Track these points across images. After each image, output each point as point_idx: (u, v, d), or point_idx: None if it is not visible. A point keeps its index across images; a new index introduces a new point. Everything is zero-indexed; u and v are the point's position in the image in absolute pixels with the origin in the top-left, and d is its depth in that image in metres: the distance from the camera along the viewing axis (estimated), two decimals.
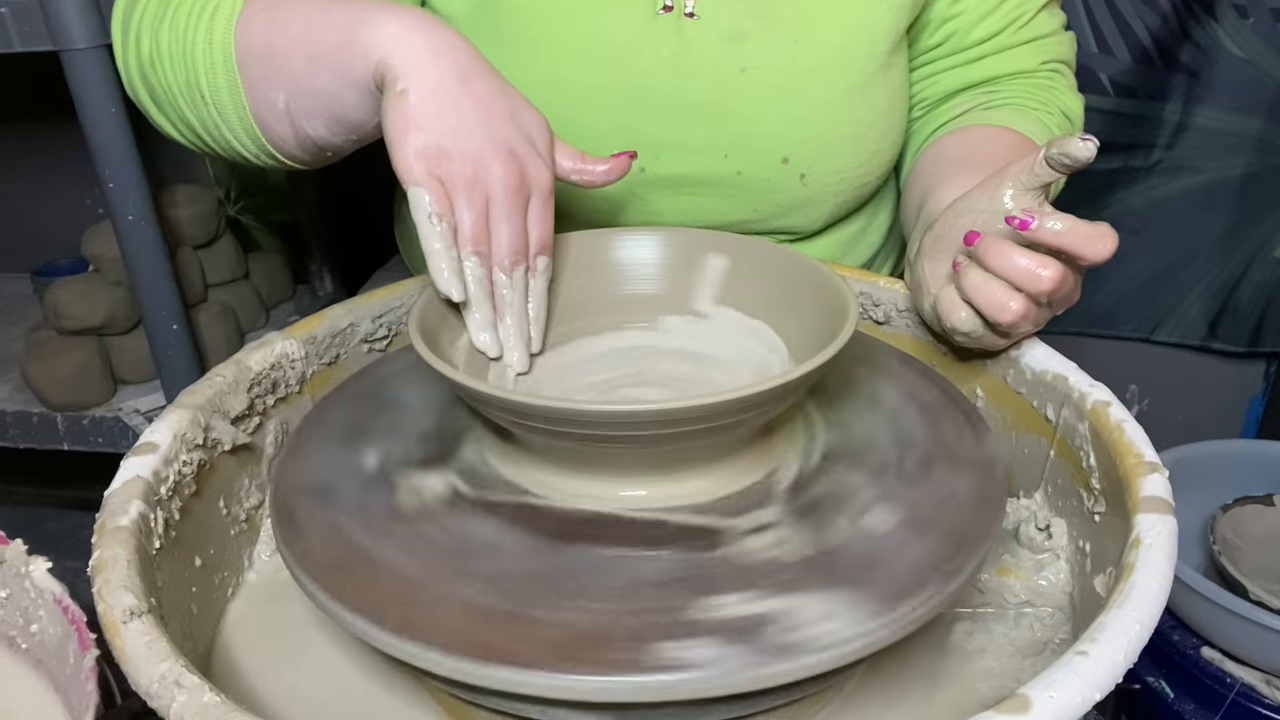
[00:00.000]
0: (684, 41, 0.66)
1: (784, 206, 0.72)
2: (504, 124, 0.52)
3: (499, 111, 0.52)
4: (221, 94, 0.58)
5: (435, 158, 0.50)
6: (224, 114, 0.59)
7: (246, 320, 1.22)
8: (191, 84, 0.59)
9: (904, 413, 0.54)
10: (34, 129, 1.40)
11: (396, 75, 0.51)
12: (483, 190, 0.51)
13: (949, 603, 0.42)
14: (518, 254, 0.52)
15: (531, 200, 0.53)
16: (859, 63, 0.68)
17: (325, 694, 0.49)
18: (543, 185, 0.53)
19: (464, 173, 0.50)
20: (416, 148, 0.50)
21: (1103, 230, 0.50)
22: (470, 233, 0.51)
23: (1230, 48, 1.28)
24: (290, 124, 0.58)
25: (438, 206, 0.50)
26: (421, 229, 0.50)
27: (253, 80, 0.57)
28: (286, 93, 0.56)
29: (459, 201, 0.50)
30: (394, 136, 0.50)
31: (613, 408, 0.44)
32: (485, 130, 0.51)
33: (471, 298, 0.52)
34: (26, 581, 0.47)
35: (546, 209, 0.54)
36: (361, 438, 0.53)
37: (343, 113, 0.56)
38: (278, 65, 0.55)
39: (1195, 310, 1.45)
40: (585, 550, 0.45)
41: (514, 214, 0.52)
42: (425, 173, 0.50)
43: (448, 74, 0.51)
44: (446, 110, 0.50)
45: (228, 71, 0.57)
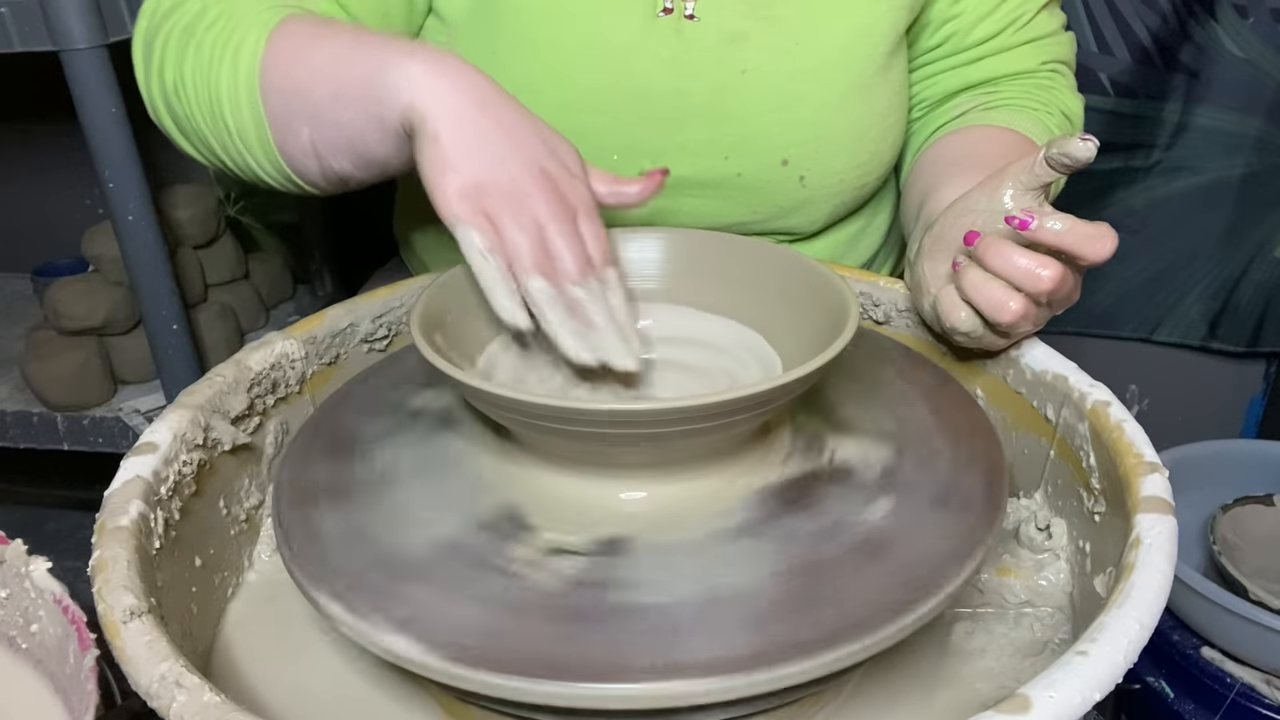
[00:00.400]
0: (684, 43, 0.66)
1: (783, 208, 0.72)
2: (533, 146, 0.52)
3: (526, 135, 0.52)
4: (246, 128, 0.58)
5: (475, 193, 0.50)
6: (249, 147, 0.59)
7: (246, 320, 1.22)
8: (216, 116, 0.59)
9: (904, 412, 0.54)
10: (34, 129, 1.40)
11: (425, 118, 0.51)
12: (530, 215, 0.50)
13: (939, 611, 0.42)
14: (584, 267, 0.51)
15: (579, 218, 0.52)
16: (859, 64, 0.68)
17: (325, 694, 0.49)
18: (585, 203, 0.53)
19: (506, 202, 0.50)
20: (455, 189, 0.50)
21: (1103, 230, 0.50)
22: (530, 255, 0.50)
23: (1230, 48, 1.28)
24: (316, 159, 0.58)
25: (487, 242, 0.50)
26: (476, 267, 0.50)
27: (277, 114, 0.57)
28: (311, 127, 0.56)
29: (509, 230, 0.50)
30: (432, 183, 0.51)
31: (612, 406, 0.44)
32: (516, 155, 0.51)
33: (554, 318, 0.50)
34: (26, 581, 0.47)
35: (596, 224, 0.53)
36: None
37: (367, 150, 0.56)
38: (302, 101, 0.56)
39: (1195, 310, 1.45)
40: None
41: (567, 233, 0.51)
42: (469, 211, 0.50)
43: (471, 108, 0.51)
44: (475, 144, 0.51)
45: (252, 105, 0.57)
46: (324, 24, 0.58)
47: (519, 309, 0.50)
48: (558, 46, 0.66)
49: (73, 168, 1.40)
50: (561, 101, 0.66)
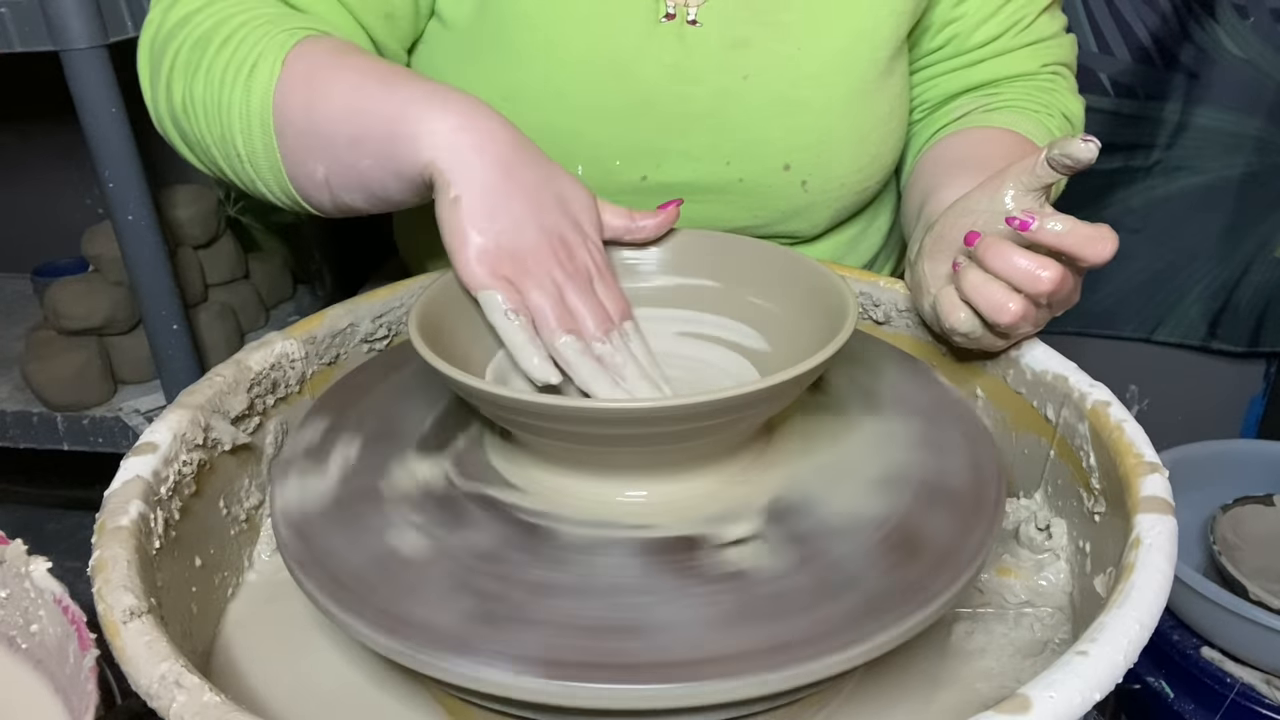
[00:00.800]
0: (686, 49, 0.66)
1: (785, 212, 0.72)
2: (552, 213, 0.53)
3: (547, 201, 0.53)
4: (258, 155, 0.58)
5: (495, 258, 0.51)
6: (259, 172, 0.59)
7: (246, 320, 1.22)
8: (226, 140, 0.59)
9: (904, 413, 0.54)
10: (34, 129, 1.40)
11: (447, 181, 0.51)
12: (550, 278, 0.52)
13: (935, 618, 0.41)
14: (605, 323, 0.53)
15: (594, 282, 0.54)
16: (860, 68, 0.68)
17: (325, 694, 0.49)
18: (598, 265, 0.55)
19: (525, 267, 0.52)
20: (476, 252, 0.51)
21: (1103, 232, 0.50)
22: (554, 315, 0.52)
23: (1230, 48, 1.28)
24: (329, 194, 0.58)
25: (511, 303, 0.51)
26: (501, 328, 0.51)
27: (292, 150, 0.57)
28: (327, 167, 0.56)
29: (532, 293, 0.52)
30: (453, 245, 0.52)
31: (610, 405, 0.44)
32: (536, 223, 0.52)
33: (586, 372, 0.52)
34: (26, 581, 0.47)
35: (610, 285, 0.55)
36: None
37: (384, 194, 0.56)
38: (319, 143, 0.56)
39: (1195, 310, 1.45)
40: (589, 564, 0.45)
41: (585, 290, 0.53)
42: (489, 275, 0.51)
43: (495, 172, 0.52)
44: (498, 210, 0.51)
45: (265, 137, 0.57)
46: (340, 52, 0.57)
47: (549, 364, 0.52)
48: (560, 52, 0.65)
49: (73, 168, 1.40)
50: (564, 106, 0.66)
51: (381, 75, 0.55)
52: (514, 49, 0.66)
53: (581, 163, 0.67)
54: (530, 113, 0.62)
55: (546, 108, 0.66)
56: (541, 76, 0.66)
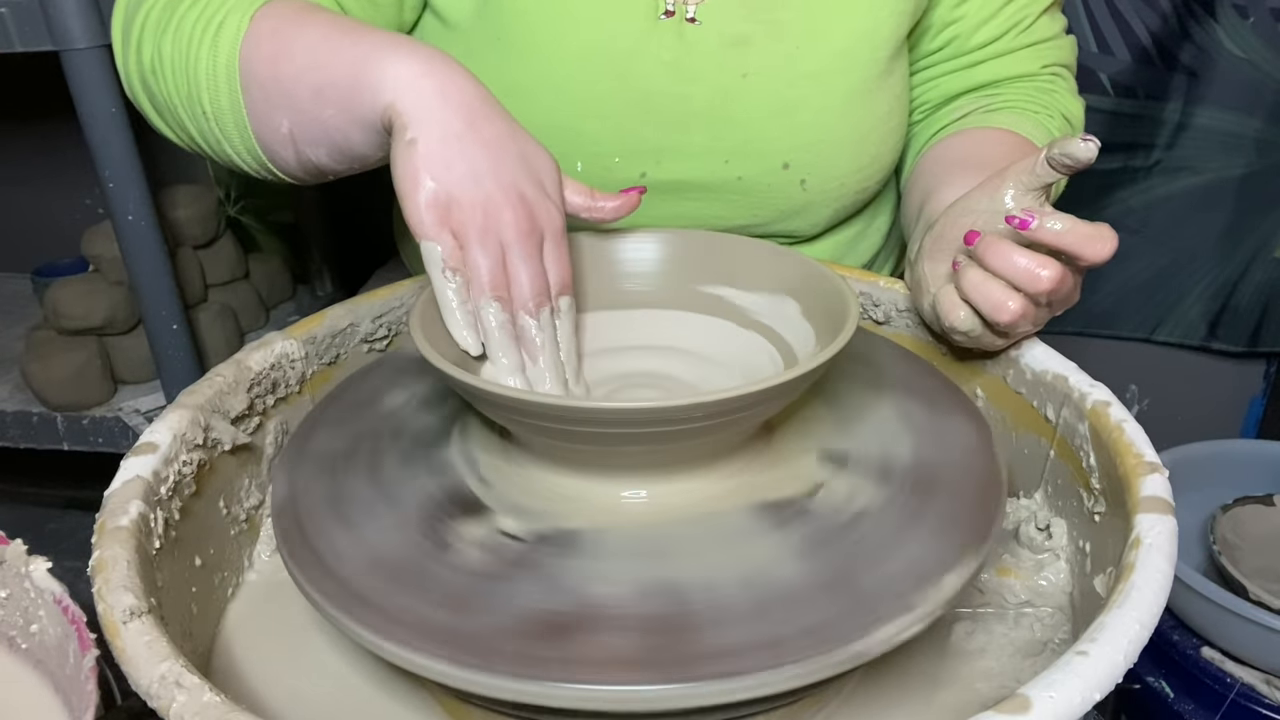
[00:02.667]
0: (685, 46, 0.66)
1: (784, 211, 0.72)
2: (513, 167, 0.51)
3: (508, 155, 0.51)
4: (224, 112, 0.58)
5: (445, 207, 0.50)
6: (225, 131, 0.59)
7: (246, 320, 1.22)
8: (193, 98, 0.58)
9: (904, 413, 0.54)
10: (34, 129, 1.40)
11: (405, 123, 0.50)
12: (495, 236, 0.51)
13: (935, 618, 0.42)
14: (540, 295, 0.52)
15: (545, 243, 0.53)
16: (860, 68, 0.68)
17: (325, 694, 0.49)
18: (554, 227, 0.53)
19: (475, 220, 0.50)
20: (427, 199, 0.50)
21: (1103, 231, 0.50)
22: (488, 278, 0.50)
23: (1230, 48, 1.28)
24: (293, 149, 0.57)
25: (451, 260, 0.50)
26: (435, 283, 0.50)
27: (256, 104, 0.56)
28: (291, 120, 0.56)
29: (473, 249, 0.50)
30: (404, 188, 0.50)
31: (611, 405, 0.44)
32: (494, 176, 0.51)
33: (496, 343, 0.51)
34: (26, 581, 0.47)
35: (561, 250, 0.53)
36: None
37: (347, 146, 0.55)
38: (283, 93, 0.55)
39: (1195, 310, 1.45)
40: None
41: (530, 257, 0.51)
42: (436, 224, 0.50)
43: (456, 119, 0.50)
44: (454, 158, 0.50)
45: (231, 92, 0.57)
46: (309, 9, 0.57)
47: (472, 333, 0.51)
48: (560, 48, 0.65)
49: (73, 168, 1.40)
50: (563, 103, 0.66)
51: (347, 27, 0.55)
52: (513, 46, 0.66)
53: (580, 159, 0.67)
54: (529, 109, 0.62)
55: (545, 104, 0.66)
56: (541, 73, 0.66)
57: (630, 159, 0.68)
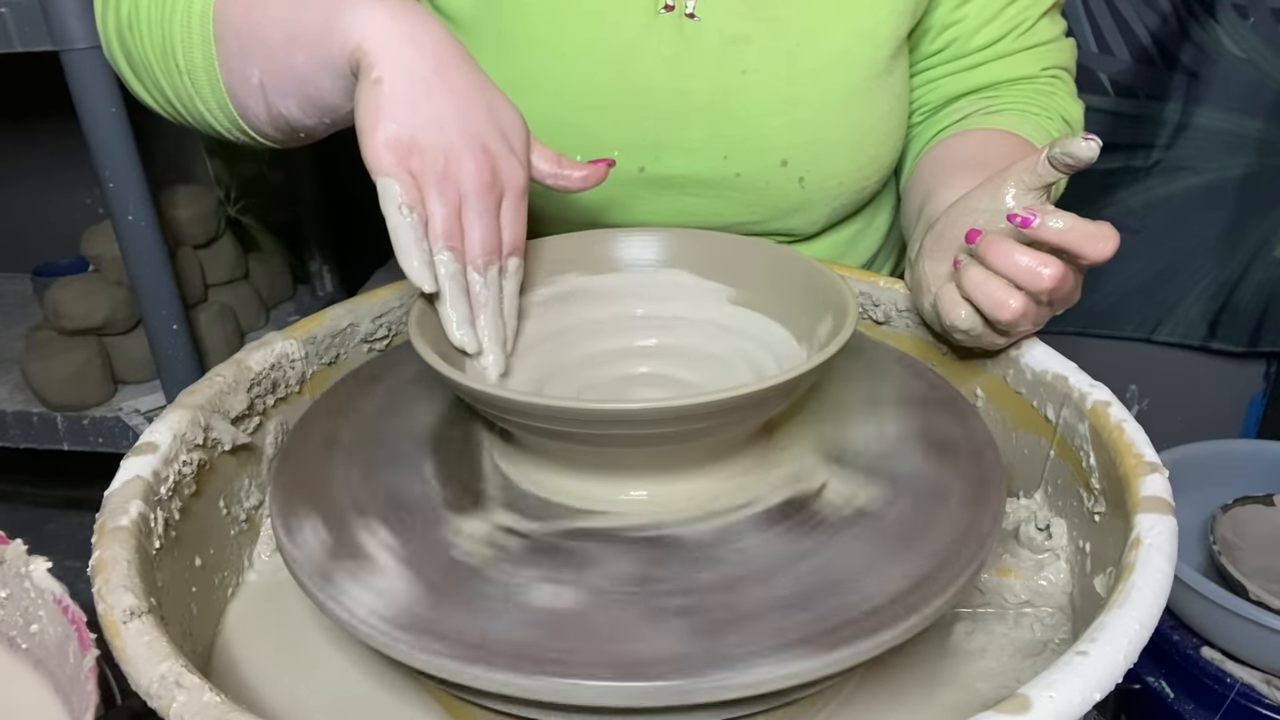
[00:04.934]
0: (685, 42, 0.66)
1: (782, 209, 0.72)
2: (479, 119, 0.51)
3: (475, 106, 0.51)
4: (196, 65, 0.57)
5: (406, 149, 0.49)
6: (198, 85, 0.58)
7: (246, 320, 1.22)
8: (167, 53, 0.58)
9: (903, 414, 0.54)
10: (34, 129, 1.40)
11: (372, 63, 0.49)
12: (454, 185, 0.50)
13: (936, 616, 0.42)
14: (490, 253, 0.51)
15: (504, 199, 0.52)
16: (860, 67, 0.68)
17: (325, 693, 0.49)
18: (516, 184, 0.52)
19: (435, 166, 0.49)
20: (387, 138, 0.49)
21: (1104, 230, 0.50)
22: (443, 227, 0.50)
23: (1230, 48, 1.28)
24: (264, 101, 0.57)
25: (408, 197, 0.49)
26: (391, 220, 0.49)
27: (229, 55, 0.56)
28: (262, 69, 0.55)
29: (430, 195, 0.49)
30: (365, 125, 0.49)
31: (611, 406, 0.44)
32: (459, 124, 0.50)
33: (446, 293, 0.50)
34: (26, 581, 0.47)
35: (519, 209, 0.53)
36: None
37: (317, 94, 0.55)
38: (256, 41, 0.55)
39: (1195, 310, 1.45)
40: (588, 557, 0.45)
41: (486, 212, 0.51)
42: (395, 164, 0.49)
43: (424, 64, 0.50)
44: (420, 102, 0.49)
45: (204, 43, 0.57)
46: None
47: (427, 270, 0.49)
48: (560, 43, 0.66)
49: (73, 168, 1.40)
50: (562, 97, 0.66)
51: None
52: (512, 40, 0.66)
53: (579, 154, 0.67)
54: (528, 103, 0.62)
55: (544, 98, 0.66)
56: (540, 67, 0.66)
57: (629, 154, 0.68)
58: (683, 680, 0.37)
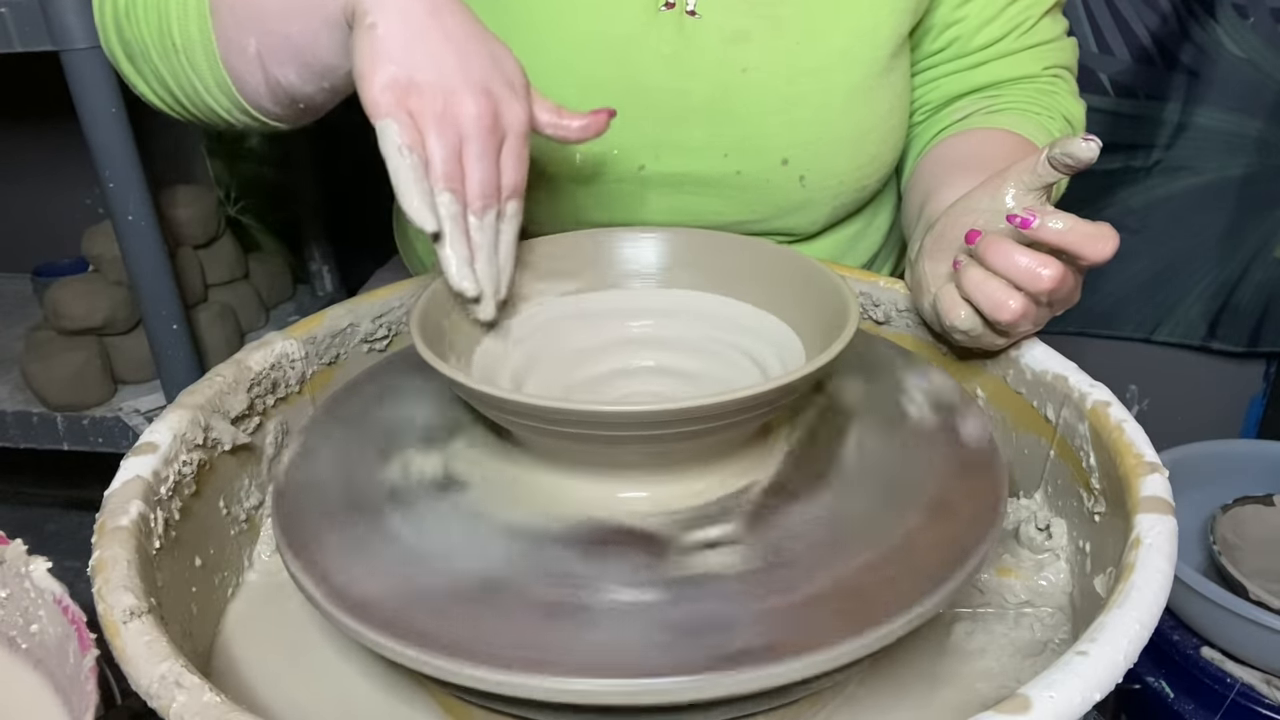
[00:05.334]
0: (685, 40, 0.66)
1: (782, 208, 0.72)
2: (479, 61, 0.50)
3: (474, 50, 0.50)
4: (193, 41, 0.57)
5: (404, 89, 0.48)
6: (195, 63, 0.58)
7: (246, 320, 1.22)
8: (164, 33, 0.58)
9: (903, 414, 0.54)
10: (34, 129, 1.40)
11: (367, 9, 0.49)
12: (454, 126, 0.49)
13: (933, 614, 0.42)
14: (489, 196, 0.50)
15: (506, 141, 0.51)
16: (860, 66, 0.68)
17: (325, 694, 0.49)
18: (518, 127, 0.51)
19: (434, 107, 0.48)
20: (385, 80, 0.48)
21: (1104, 230, 0.50)
22: (443, 169, 0.49)
23: (1230, 48, 1.28)
24: (262, 71, 0.56)
25: (407, 138, 0.48)
26: (391, 162, 0.48)
27: (225, 27, 0.56)
28: (258, 38, 0.55)
29: (430, 136, 0.48)
30: (363, 69, 0.48)
31: (611, 408, 0.44)
32: (458, 65, 0.49)
33: (448, 234, 0.50)
34: (26, 581, 0.47)
35: (521, 151, 0.52)
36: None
37: (314, 57, 0.54)
38: (250, 11, 0.55)
39: (1195, 310, 1.45)
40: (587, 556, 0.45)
41: (486, 154, 0.50)
42: (394, 104, 0.48)
43: (420, 8, 0.49)
44: (415, 42, 0.49)
45: (200, 18, 0.57)
46: None
47: (429, 210, 0.49)
48: (559, 39, 0.65)
49: (73, 168, 1.40)
50: (560, 96, 0.66)
51: None
52: (511, 33, 0.66)
53: (579, 151, 0.67)
54: None
55: (544, 93, 0.66)
56: (540, 62, 0.65)
57: (628, 151, 0.68)
58: (681, 680, 0.37)
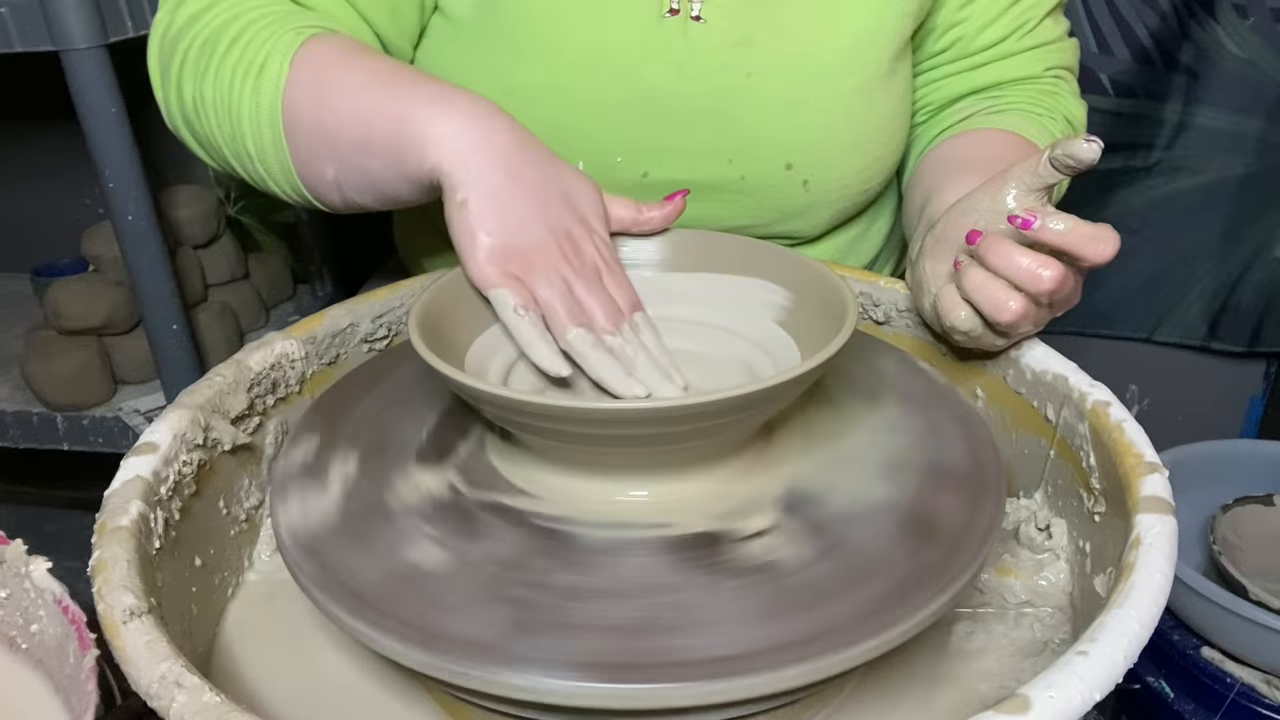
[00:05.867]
0: (690, 46, 0.66)
1: (786, 212, 0.72)
2: (558, 210, 0.54)
3: (552, 198, 0.54)
4: (268, 156, 0.59)
5: (504, 257, 0.52)
6: (270, 172, 0.60)
7: (246, 320, 1.22)
8: (237, 140, 0.59)
9: (903, 414, 0.54)
10: (34, 129, 1.40)
11: (454, 185, 0.52)
12: (558, 273, 0.53)
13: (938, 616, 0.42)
14: (615, 315, 0.54)
15: (603, 275, 0.55)
16: (864, 69, 0.68)
17: (325, 694, 0.49)
18: (606, 256, 0.55)
19: (534, 263, 0.53)
20: (485, 253, 0.52)
21: (1105, 232, 0.50)
22: (565, 310, 0.52)
23: (1230, 48, 1.28)
24: (340, 194, 0.59)
25: (520, 299, 0.52)
26: (512, 325, 0.52)
27: (300, 151, 0.58)
28: (336, 168, 0.57)
29: (540, 288, 0.52)
30: (463, 246, 0.53)
31: (609, 406, 0.44)
32: (541, 220, 0.53)
33: (597, 362, 0.52)
34: (26, 581, 0.47)
35: (618, 276, 0.56)
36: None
37: (393, 194, 0.57)
38: (328, 142, 0.57)
39: (1195, 310, 1.45)
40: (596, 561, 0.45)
41: (594, 285, 0.54)
42: (499, 273, 0.52)
43: (498, 173, 0.52)
44: (506, 211, 0.52)
45: (274, 138, 0.58)
46: (347, 51, 0.58)
47: (559, 358, 0.52)
48: (562, 47, 0.65)
49: (73, 168, 1.40)
50: (565, 102, 0.66)
51: (387, 77, 0.56)
52: (516, 44, 0.66)
53: (583, 158, 0.67)
54: (532, 108, 0.62)
55: (548, 103, 0.66)
56: (543, 71, 0.66)
57: (633, 158, 0.68)
58: (678, 685, 0.37)
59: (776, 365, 0.55)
